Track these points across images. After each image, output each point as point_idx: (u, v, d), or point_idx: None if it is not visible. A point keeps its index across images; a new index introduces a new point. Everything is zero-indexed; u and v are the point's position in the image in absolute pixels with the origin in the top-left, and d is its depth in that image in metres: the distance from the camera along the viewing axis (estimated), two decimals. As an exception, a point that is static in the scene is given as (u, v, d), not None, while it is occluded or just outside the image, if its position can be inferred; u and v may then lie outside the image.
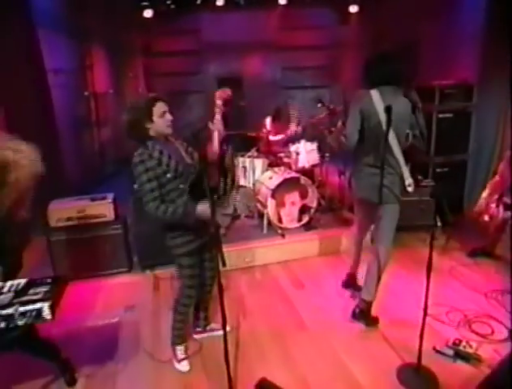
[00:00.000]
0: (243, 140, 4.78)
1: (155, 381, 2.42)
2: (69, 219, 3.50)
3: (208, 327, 2.68)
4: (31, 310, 1.56)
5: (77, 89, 6.24)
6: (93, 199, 3.58)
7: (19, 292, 1.67)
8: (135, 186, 2.22)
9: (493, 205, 3.32)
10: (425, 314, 2.23)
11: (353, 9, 7.85)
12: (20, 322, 1.55)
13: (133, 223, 3.73)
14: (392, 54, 2.58)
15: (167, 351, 2.63)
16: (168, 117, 2.14)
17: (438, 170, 4.45)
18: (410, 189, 2.63)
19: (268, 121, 4.90)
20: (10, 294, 1.65)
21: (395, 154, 2.53)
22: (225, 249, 2.08)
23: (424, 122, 2.51)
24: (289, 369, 2.44)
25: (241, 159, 4.46)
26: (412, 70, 5.59)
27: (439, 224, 4.11)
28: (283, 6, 7.83)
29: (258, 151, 4.55)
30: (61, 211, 3.50)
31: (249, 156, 4.41)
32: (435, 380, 2.28)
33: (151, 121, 2.11)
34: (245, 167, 4.42)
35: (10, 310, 1.54)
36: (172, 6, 7.82)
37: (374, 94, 2.52)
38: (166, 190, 2.15)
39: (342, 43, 9.02)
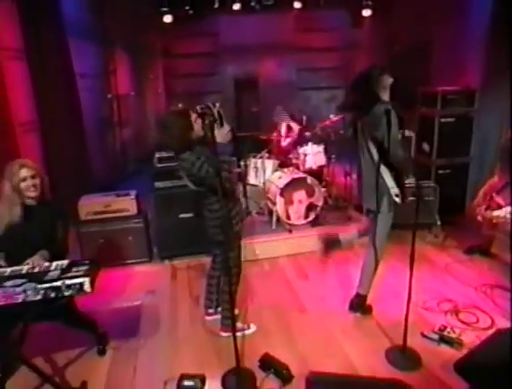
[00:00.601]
0: (255, 142, 5.10)
1: (173, 356, 2.76)
2: (96, 213, 3.89)
3: (219, 309, 3.02)
4: (75, 284, 1.92)
5: (101, 92, 6.64)
6: (118, 195, 3.97)
7: (65, 270, 2.04)
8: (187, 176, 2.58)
9: (484, 206, 3.54)
10: (409, 300, 2.51)
11: (366, 13, 7.99)
12: (66, 293, 1.91)
13: (153, 218, 4.10)
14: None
15: (183, 330, 3.01)
16: (199, 121, 2.45)
17: (440, 172, 4.68)
18: (397, 200, 2.64)
19: (284, 128, 5.18)
20: (58, 271, 2.03)
21: (376, 163, 2.61)
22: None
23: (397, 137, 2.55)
24: (290, 347, 2.76)
25: (252, 159, 4.79)
26: (423, 73, 5.81)
27: (438, 222, 4.39)
28: (297, 9, 7.99)
29: (268, 152, 4.87)
30: (90, 205, 3.90)
31: (261, 157, 4.73)
32: (419, 360, 2.56)
33: (192, 129, 2.47)
34: (256, 167, 4.74)
35: (58, 283, 1.91)
36: (191, 12, 8.11)
37: None
38: None
39: (355, 45, 9.20)
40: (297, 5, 7.85)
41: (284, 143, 5.09)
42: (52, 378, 2.31)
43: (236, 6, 7.65)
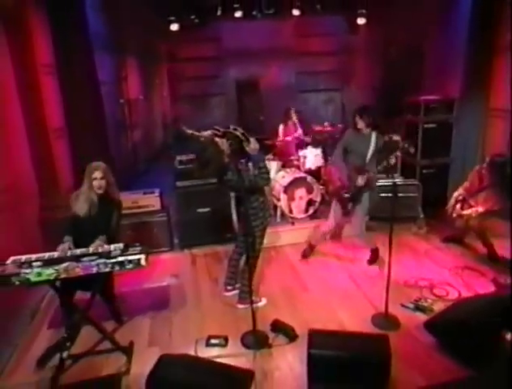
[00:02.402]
0: (261, 146, 5.71)
1: (200, 323, 3.39)
2: (125, 208, 4.48)
3: (237, 285, 3.65)
4: (134, 259, 2.54)
5: (115, 97, 7.20)
6: (145, 193, 4.59)
7: (123, 250, 2.65)
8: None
9: (458, 206, 4.17)
10: (389, 277, 3.16)
11: (361, 21, 8.47)
12: (128, 267, 2.53)
13: (174, 212, 4.72)
14: None
15: (206, 304, 3.66)
16: (224, 141, 2.99)
17: (424, 171, 5.33)
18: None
19: (281, 128, 5.80)
20: (118, 251, 2.63)
21: None
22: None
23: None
24: (294, 315, 3.39)
25: (259, 161, 5.41)
26: (415, 76, 6.40)
27: (422, 215, 5.02)
28: (296, 16, 8.35)
29: (274, 155, 5.49)
30: (121, 201, 4.50)
31: (267, 159, 5.35)
32: (398, 323, 3.21)
33: (223, 150, 3.01)
34: (262, 168, 5.36)
35: (122, 259, 2.53)
36: (196, 21, 8.63)
37: None
38: None
39: (352, 49, 9.76)
40: (296, 12, 8.19)
41: (287, 138, 5.67)
42: (110, 335, 2.93)
43: (238, 14, 8.07)
